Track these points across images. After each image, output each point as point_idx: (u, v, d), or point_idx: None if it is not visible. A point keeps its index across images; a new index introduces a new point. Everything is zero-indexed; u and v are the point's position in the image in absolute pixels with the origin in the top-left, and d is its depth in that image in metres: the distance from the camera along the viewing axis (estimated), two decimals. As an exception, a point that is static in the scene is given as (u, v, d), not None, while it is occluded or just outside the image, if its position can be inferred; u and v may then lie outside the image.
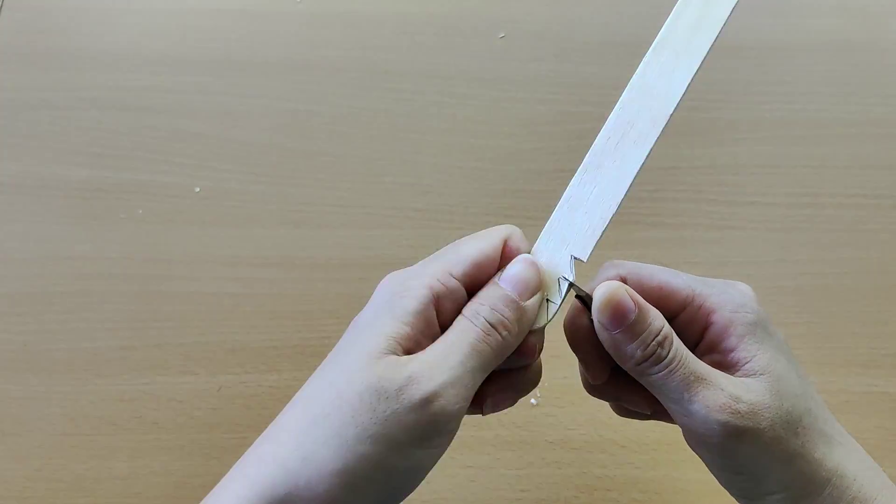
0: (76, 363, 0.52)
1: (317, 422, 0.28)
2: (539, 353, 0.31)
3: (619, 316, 0.29)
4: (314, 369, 0.52)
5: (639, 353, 0.29)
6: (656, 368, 0.29)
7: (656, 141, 0.30)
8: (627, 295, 0.29)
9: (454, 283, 0.29)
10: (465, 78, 0.62)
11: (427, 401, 0.26)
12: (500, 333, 0.28)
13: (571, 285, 0.30)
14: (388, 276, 0.31)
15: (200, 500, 0.49)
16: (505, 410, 0.33)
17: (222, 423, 0.50)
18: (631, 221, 0.56)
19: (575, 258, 0.30)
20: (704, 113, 0.60)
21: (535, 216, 0.57)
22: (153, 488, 0.49)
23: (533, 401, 0.50)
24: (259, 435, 0.50)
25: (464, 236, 0.55)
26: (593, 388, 0.34)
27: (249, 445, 0.49)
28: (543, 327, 0.30)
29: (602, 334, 0.30)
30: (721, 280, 0.31)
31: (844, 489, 0.29)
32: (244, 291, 0.54)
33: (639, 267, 0.31)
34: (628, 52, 0.62)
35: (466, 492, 0.48)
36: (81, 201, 0.57)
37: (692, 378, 0.28)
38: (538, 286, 0.30)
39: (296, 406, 0.29)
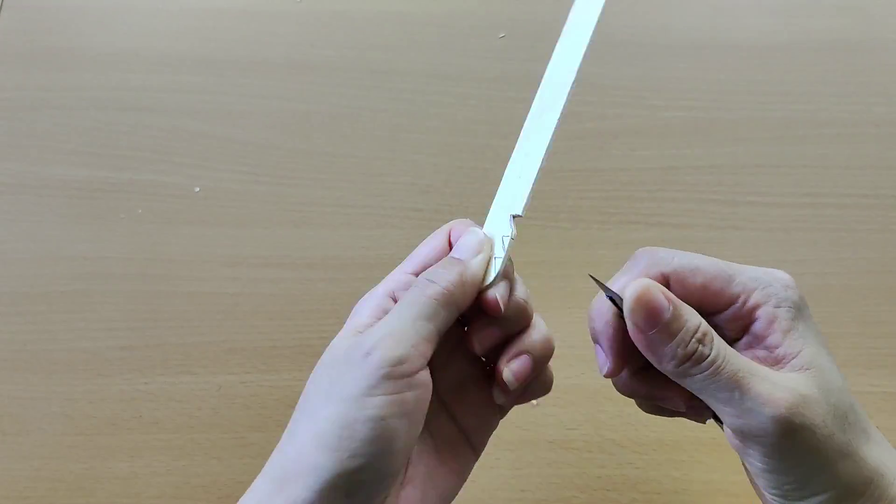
0: (76, 363, 0.52)
1: (300, 408, 0.31)
2: (504, 308, 0.31)
3: (653, 316, 0.28)
4: (314, 369, 0.52)
5: (679, 352, 0.27)
6: (700, 368, 0.27)
7: (567, 100, 0.34)
8: (660, 293, 0.28)
9: (407, 277, 0.32)
10: (465, 78, 0.62)
11: (367, 353, 0.28)
12: (439, 285, 0.30)
13: (598, 283, 0.31)
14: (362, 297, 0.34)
15: (200, 499, 0.49)
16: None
17: (222, 423, 0.50)
18: (631, 221, 0.56)
19: (514, 216, 0.33)
20: (704, 113, 0.60)
21: (534, 216, 0.57)
22: (153, 488, 0.49)
23: (534, 402, 0.50)
24: (258, 434, 0.50)
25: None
26: (625, 387, 0.33)
27: (249, 445, 0.50)
28: (496, 282, 0.32)
29: (637, 337, 0.28)
30: (762, 269, 0.30)
31: (885, 488, 0.28)
32: (244, 291, 0.54)
33: (684, 261, 0.30)
34: (628, 51, 0.63)
35: (466, 492, 0.48)
36: (81, 201, 0.57)
37: (740, 374, 0.27)
38: (480, 247, 0.32)
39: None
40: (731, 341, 0.30)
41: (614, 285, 0.31)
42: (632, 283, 0.28)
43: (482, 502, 0.48)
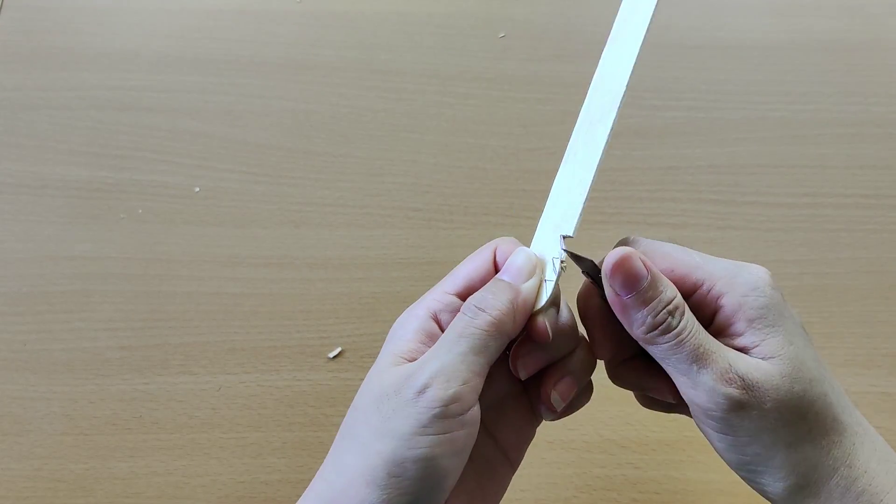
0: (76, 363, 0.52)
1: (343, 435, 0.30)
2: (552, 334, 0.31)
3: (630, 280, 0.29)
4: (313, 369, 0.52)
5: (649, 319, 0.29)
6: (666, 338, 0.29)
7: (618, 112, 0.32)
8: (639, 261, 0.29)
9: (450, 298, 0.31)
10: (465, 78, 0.62)
11: (420, 391, 0.28)
12: (490, 315, 0.29)
13: (570, 255, 0.31)
14: (398, 318, 0.33)
15: (200, 499, 0.49)
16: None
17: (222, 423, 0.50)
18: (631, 221, 0.56)
19: (563, 236, 0.32)
20: (704, 113, 0.60)
21: (535, 216, 0.57)
22: (153, 488, 0.49)
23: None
24: (258, 434, 0.50)
25: (463, 236, 0.56)
26: (616, 376, 0.34)
27: (248, 445, 0.50)
28: (547, 307, 0.31)
29: (613, 300, 0.29)
30: (734, 262, 0.31)
31: (853, 480, 0.28)
32: (244, 291, 0.54)
33: (653, 246, 0.31)
34: (628, 52, 0.63)
35: (466, 492, 0.48)
36: (81, 201, 0.57)
37: (701, 350, 0.28)
38: (532, 269, 0.31)
39: (338, 434, 0.32)
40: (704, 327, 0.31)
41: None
42: (615, 250, 0.29)
43: (482, 502, 0.48)
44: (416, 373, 0.28)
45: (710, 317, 0.30)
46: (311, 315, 0.53)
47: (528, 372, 0.32)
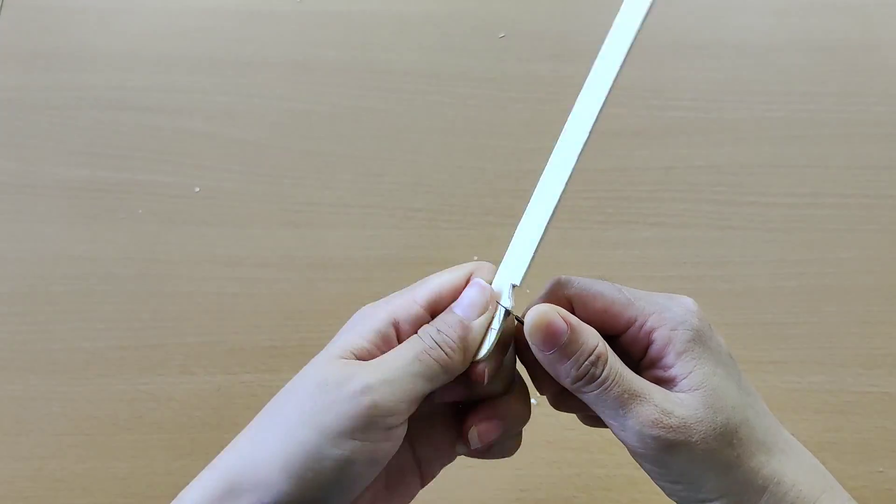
0: (76, 363, 0.52)
1: (270, 414, 0.30)
2: (488, 379, 0.32)
3: (550, 337, 0.30)
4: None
5: (573, 371, 0.30)
6: (591, 386, 0.30)
7: (578, 159, 0.33)
8: (559, 316, 0.30)
9: (416, 308, 0.31)
10: (465, 78, 0.62)
11: (362, 392, 0.28)
12: (443, 350, 0.30)
13: (508, 313, 0.32)
14: (361, 308, 0.33)
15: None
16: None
17: (222, 423, 0.50)
18: (631, 221, 0.56)
19: (513, 285, 0.32)
20: (704, 113, 0.60)
21: (535, 216, 0.57)
22: (153, 488, 0.49)
23: (533, 401, 0.50)
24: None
25: (463, 236, 0.56)
26: (558, 404, 0.35)
27: (249, 445, 0.50)
28: (487, 356, 0.31)
29: (538, 355, 0.31)
30: (665, 295, 0.32)
31: (782, 495, 0.29)
32: (244, 291, 0.54)
33: (585, 287, 0.32)
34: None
35: (466, 492, 0.48)
36: (81, 201, 0.57)
37: (626, 395, 0.29)
38: (486, 306, 0.31)
39: (264, 408, 0.31)
40: (636, 360, 0.32)
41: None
42: (533, 308, 0.30)
43: (482, 502, 0.48)
44: (361, 373, 0.29)
45: (644, 349, 0.31)
46: (311, 315, 0.53)
47: (445, 400, 0.33)
